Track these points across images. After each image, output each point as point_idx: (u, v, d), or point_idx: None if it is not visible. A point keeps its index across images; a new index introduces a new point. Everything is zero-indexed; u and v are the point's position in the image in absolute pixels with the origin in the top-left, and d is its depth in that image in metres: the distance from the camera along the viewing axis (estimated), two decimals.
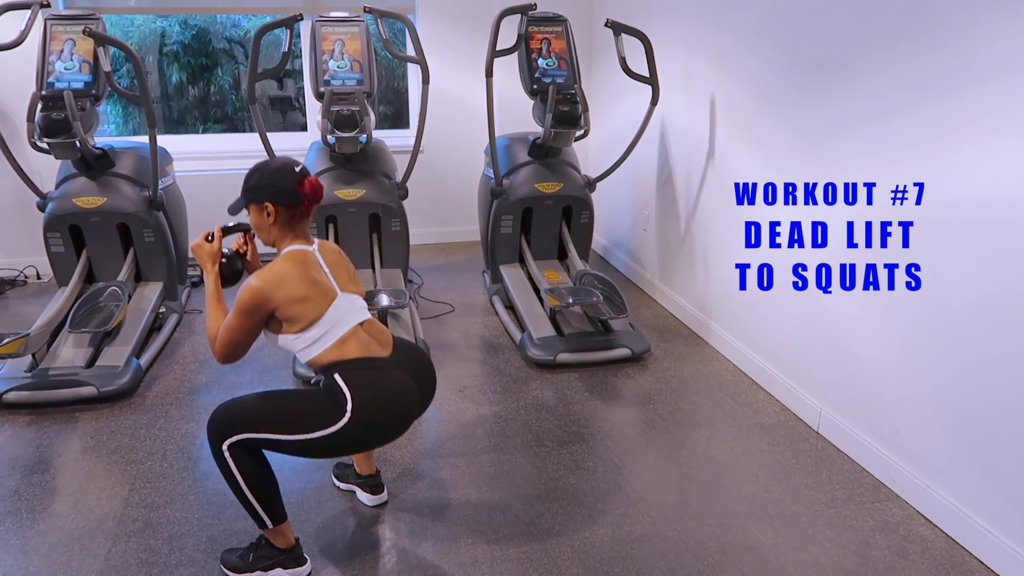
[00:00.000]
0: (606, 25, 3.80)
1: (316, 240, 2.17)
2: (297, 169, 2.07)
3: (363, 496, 2.52)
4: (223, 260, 2.22)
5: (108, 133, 6.02)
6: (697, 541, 2.33)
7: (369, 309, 3.39)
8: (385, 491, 2.53)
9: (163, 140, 4.98)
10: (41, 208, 3.76)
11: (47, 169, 4.33)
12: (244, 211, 2.12)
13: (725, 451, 2.84)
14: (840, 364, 2.83)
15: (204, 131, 6.62)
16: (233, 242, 2.31)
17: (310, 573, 2.18)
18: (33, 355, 3.27)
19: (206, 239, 2.20)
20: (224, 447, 1.99)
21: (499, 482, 2.64)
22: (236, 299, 2.00)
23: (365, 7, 3.72)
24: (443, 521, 2.43)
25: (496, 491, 2.59)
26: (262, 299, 1.98)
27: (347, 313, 2.09)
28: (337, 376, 2.00)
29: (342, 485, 2.59)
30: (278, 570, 2.14)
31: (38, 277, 4.76)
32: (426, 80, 3.80)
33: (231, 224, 2.29)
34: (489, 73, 3.74)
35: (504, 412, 3.13)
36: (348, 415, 1.95)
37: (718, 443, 2.90)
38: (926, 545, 2.31)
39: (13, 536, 2.35)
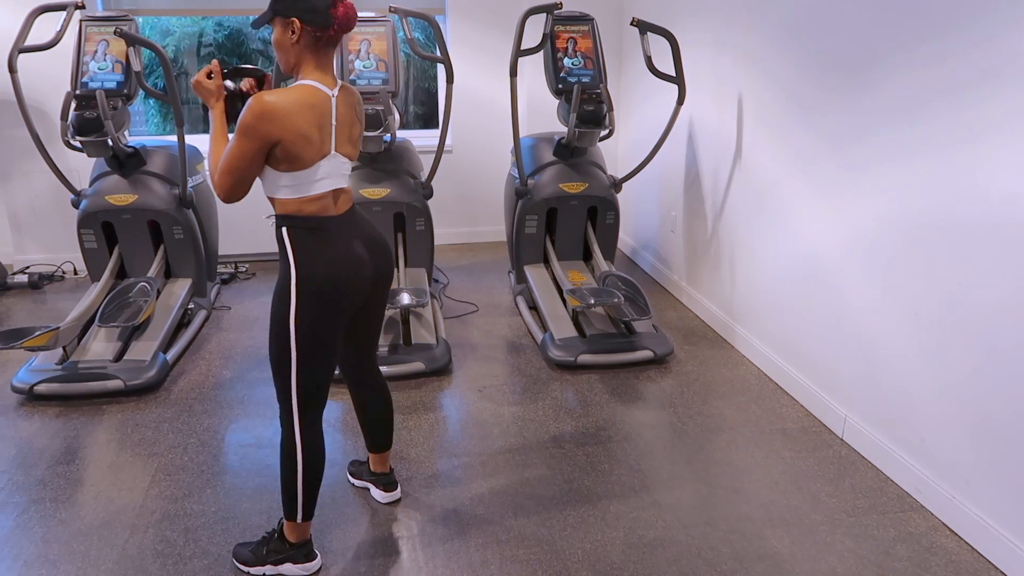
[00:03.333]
0: (632, 24, 3.76)
1: (340, 82, 2.03)
2: None
3: (376, 493, 2.53)
4: (227, 95, 2.07)
5: (147, 132, 6.16)
6: (711, 547, 2.29)
7: (390, 307, 3.43)
8: (398, 488, 2.54)
9: (197, 139, 5.09)
10: (75, 205, 3.86)
11: (85, 168, 4.44)
12: (267, 25, 1.98)
13: (745, 456, 2.79)
14: (866, 370, 2.76)
15: None
16: (244, 85, 2.13)
17: (320, 569, 2.19)
18: (64, 348, 3.35)
19: (207, 76, 2.04)
20: (295, 428, 2.04)
21: (513, 482, 2.63)
22: (240, 118, 1.86)
23: (391, 7, 3.73)
24: (455, 520, 2.43)
25: (510, 491, 2.57)
26: (266, 120, 1.84)
27: (329, 175, 1.99)
28: (285, 231, 1.98)
29: (356, 482, 2.60)
30: (288, 564, 2.16)
31: (75, 272, 4.88)
32: (450, 80, 3.80)
33: (241, 67, 2.12)
34: (513, 72, 3.73)
35: (522, 412, 3.12)
36: (294, 276, 1.94)
37: (738, 448, 2.84)
38: (950, 557, 2.24)
39: (36, 524, 2.40)
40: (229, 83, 2.09)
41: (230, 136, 1.96)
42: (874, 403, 2.72)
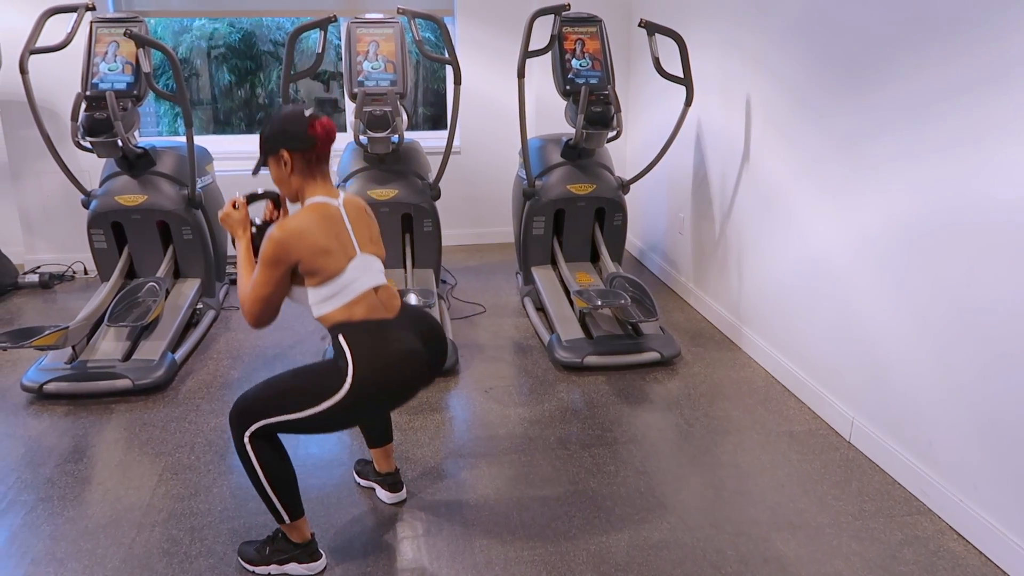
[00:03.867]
0: (640, 25, 3.76)
1: (342, 193, 2.15)
2: (307, 113, 2.05)
3: (382, 494, 2.53)
4: (254, 230, 2.20)
5: (160, 133, 6.20)
6: (716, 550, 2.28)
7: None
8: (404, 489, 2.54)
9: (208, 140, 5.12)
10: (85, 205, 3.88)
11: (96, 168, 4.47)
12: (264, 168, 2.13)
13: (751, 459, 2.78)
14: (873, 372, 2.74)
15: (250, 132, 6.76)
16: (263, 211, 2.29)
17: (324, 568, 2.20)
18: (73, 347, 3.37)
19: (232, 207, 2.19)
20: (245, 439, 2.02)
21: (519, 483, 2.63)
22: (260, 252, 2.01)
23: (399, 8, 3.74)
24: (460, 521, 2.43)
25: (515, 493, 2.57)
26: (285, 249, 1.97)
27: (363, 274, 2.07)
28: (341, 337, 2.00)
29: (362, 482, 2.61)
30: (293, 564, 2.16)
31: (85, 272, 4.92)
32: (458, 81, 3.80)
33: (258, 191, 2.27)
34: (521, 74, 3.73)
35: (529, 414, 3.11)
36: (350, 378, 1.95)
37: (745, 450, 2.83)
38: (957, 561, 2.23)
39: (44, 522, 2.42)
40: (256, 220, 2.24)
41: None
42: (881, 406, 2.71)
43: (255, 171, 2.15)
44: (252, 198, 2.26)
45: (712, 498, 2.55)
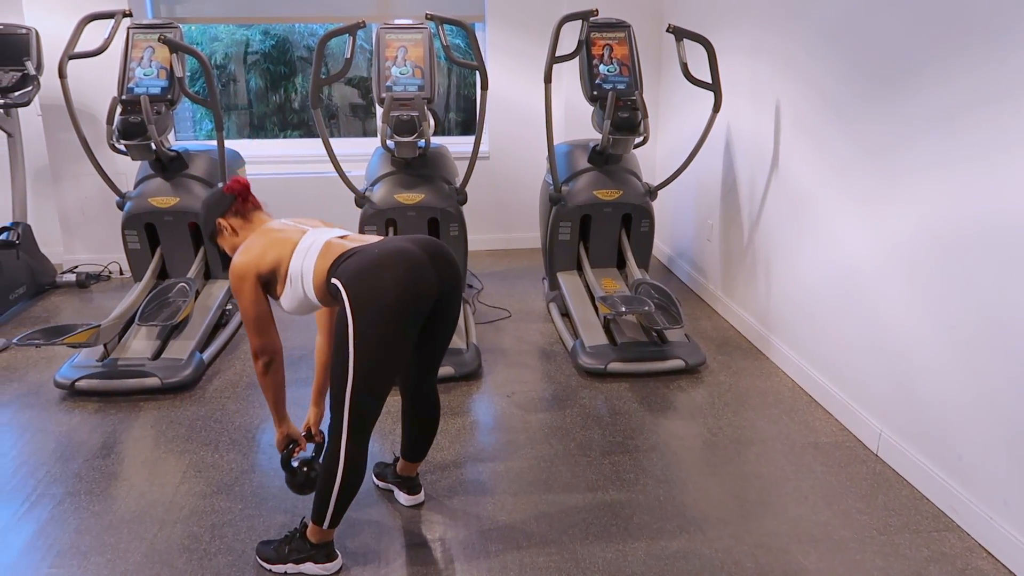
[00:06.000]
0: (668, 31, 3.73)
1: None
2: (219, 185, 2.28)
3: (400, 496, 2.54)
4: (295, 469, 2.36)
5: (195, 136, 6.31)
6: (734, 561, 2.24)
7: None
8: (422, 492, 2.55)
9: (241, 144, 5.21)
10: (120, 207, 3.97)
11: (133, 171, 4.57)
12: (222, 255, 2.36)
13: (775, 470, 2.73)
14: (902, 384, 2.68)
15: (283, 137, 6.86)
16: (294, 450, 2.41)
17: (340, 569, 2.21)
18: (105, 345, 3.44)
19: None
20: (341, 445, 2.04)
21: (537, 489, 2.61)
22: (232, 288, 2.23)
23: (428, 14, 3.77)
24: (476, 525, 2.42)
25: (533, 498, 2.56)
26: (245, 269, 2.13)
27: (317, 238, 2.17)
28: (333, 280, 2.04)
29: (380, 483, 2.62)
30: (309, 564, 2.18)
31: (120, 273, 5.02)
32: (485, 86, 3.81)
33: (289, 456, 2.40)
34: (548, 79, 3.73)
35: (550, 419, 3.10)
36: (346, 300, 1.96)
37: (768, 461, 2.79)
38: None
39: (71, 516, 2.47)
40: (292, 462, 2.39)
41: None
42: (910, 418, 2.65)
43: (219, 249, 2.37)
44: (285, 461, 2.39)
45: (733, 509, 2.51)
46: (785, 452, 2.85)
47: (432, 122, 3.80)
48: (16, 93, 4.18)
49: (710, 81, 3.79)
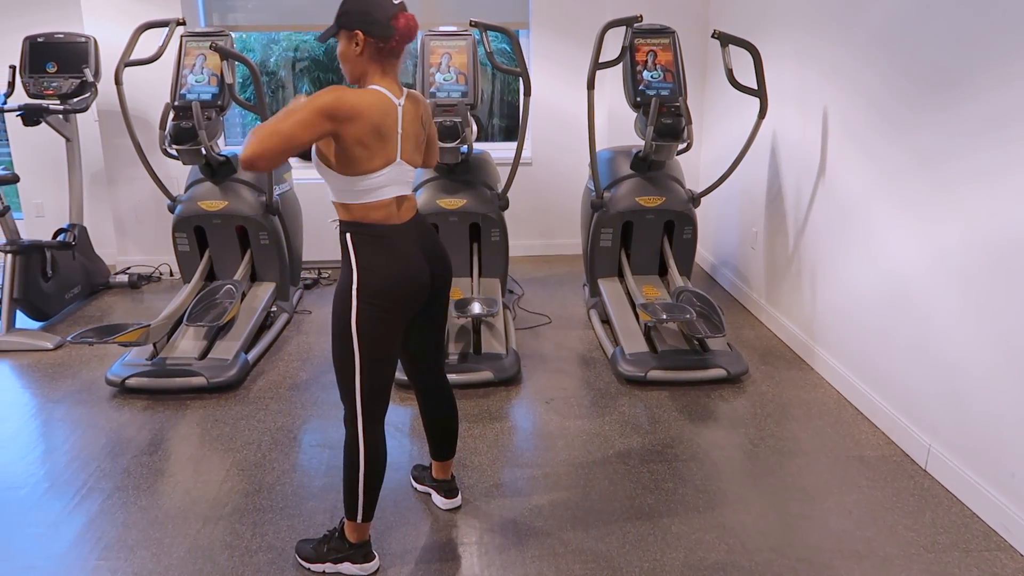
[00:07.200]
0: (713, 36, 3.70)
1: (406, 91, 2.07)
2: (396, 1, 1.97)
3: (438, 499, 2.56)
4: None
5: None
6: (775, 575, 2.20)
7: (460, 316, 3.47)
8: (459, 496, 2.56)
9: None
10: (171, 210, 4.08)
11: (184, 175, 4.69)
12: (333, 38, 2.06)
13: (818, 483, 2.68)
14: (952, 397, 2.61)
15: None
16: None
17: (377, 570, 2.23)
18: (154, 345, 3.53)
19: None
20: (359, 431, 2.09)
21: (574, 496, 2.60)
22: (316, 95, 1.90)
23: (472, 21, 3.79)
24: (513, 530, 2.42)
25: (570, 505, 2.55)
26: (341, 110, 1.87)
27: (393, 182, 2.04)
28: (349, 237, 2.04)
29: (419, 487, 2.64)
30: (347, 564, 2.20)
31: (171, 274, 5.15)
32: (528, 92, 3.83)
33: None
34: (591, 85, 3.73)
35: (589, 426, 3.09)
36: (355, 277, 1.99)
37: (811, 473, 2.73)
38: None
39: (119, 510, 2.54)
40: None
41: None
42: (960, 433, 2.57)
43: (323, 39, 2.05)
44: None
45: (774, 521, 2.46)
46: (829, 465, 2.79)
47: (475, 128, 3.82)
48: (75, 99, 4.32)
49: (755, 87, 3.75)
